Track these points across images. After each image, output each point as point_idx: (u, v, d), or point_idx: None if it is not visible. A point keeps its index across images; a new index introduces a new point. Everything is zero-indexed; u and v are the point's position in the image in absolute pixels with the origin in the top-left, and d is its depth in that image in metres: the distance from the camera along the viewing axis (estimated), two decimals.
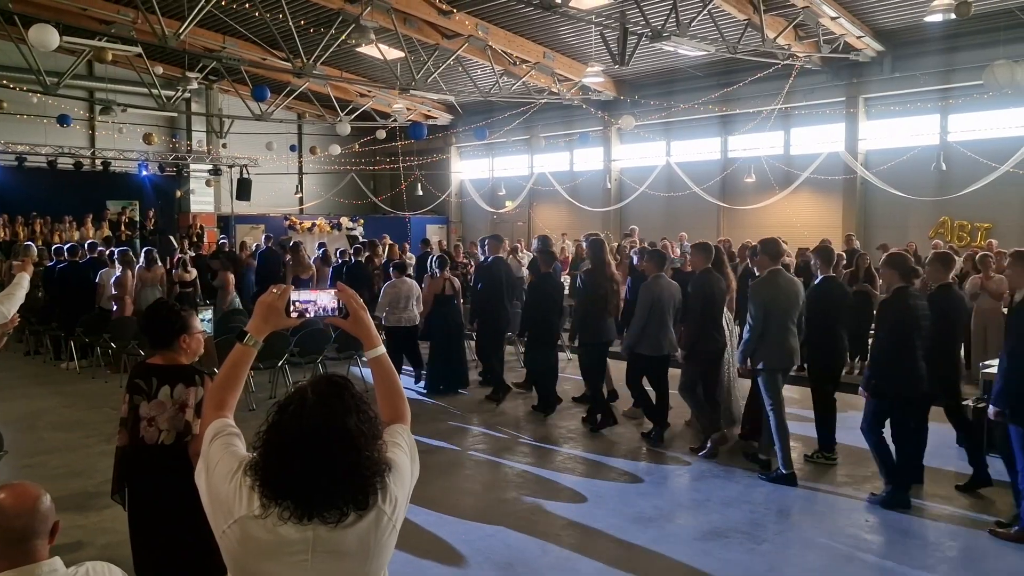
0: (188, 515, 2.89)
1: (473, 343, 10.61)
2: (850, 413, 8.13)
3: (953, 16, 11.34)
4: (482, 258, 10.65)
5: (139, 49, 16.04)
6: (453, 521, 5.72)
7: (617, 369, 8.80)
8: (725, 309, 7.58)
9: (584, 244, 10.45)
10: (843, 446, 7.13)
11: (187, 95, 21.55)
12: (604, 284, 8.07)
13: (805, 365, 7.39)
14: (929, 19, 12.62)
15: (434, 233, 23.61)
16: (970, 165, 15.55)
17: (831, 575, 4.89)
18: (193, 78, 19.28)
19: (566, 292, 10.51)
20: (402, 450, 1.99)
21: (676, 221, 19.67)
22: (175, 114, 23.20)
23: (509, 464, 7.19)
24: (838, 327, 6.84)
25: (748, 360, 6.62)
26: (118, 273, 11.46)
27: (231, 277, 11.92)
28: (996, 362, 7.66)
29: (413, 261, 15.66)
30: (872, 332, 6.90)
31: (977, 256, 10.29)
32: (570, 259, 16.19)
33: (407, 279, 10.10)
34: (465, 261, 16.37)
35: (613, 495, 6.30)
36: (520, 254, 15.24)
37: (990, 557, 5.13)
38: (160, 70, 18.85)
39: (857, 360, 10.74)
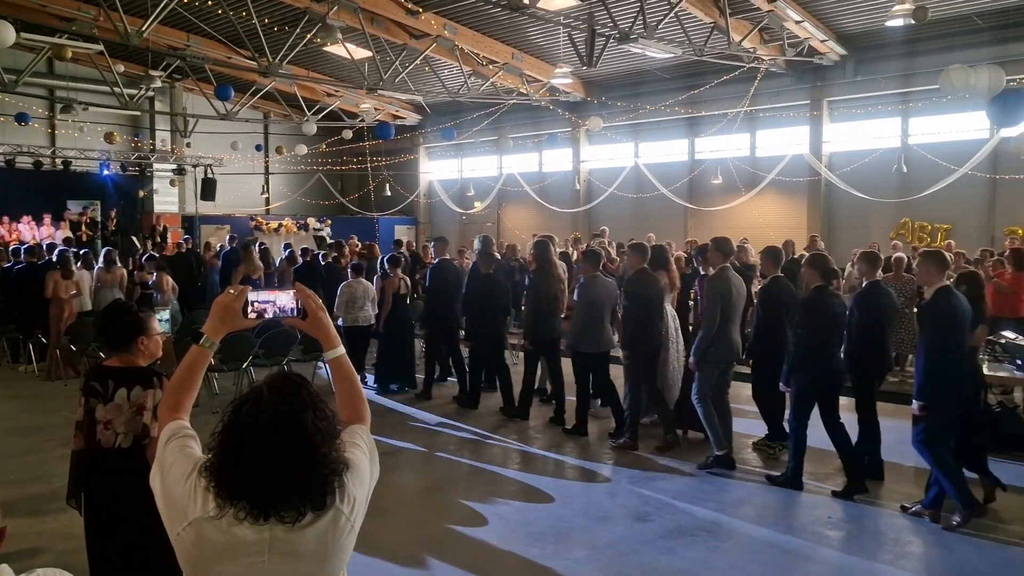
0: (145, 519, 2.84)
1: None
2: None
3: (912, 21, 11.55)
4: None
5: (101, 47, 15.79)
6: (420, 522, 5.70)
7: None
8: (668, 307, 7.85)
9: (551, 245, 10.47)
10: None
11: (150, 94, 21.23)
12: (552, 284, 8.32)
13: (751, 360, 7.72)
14: (890, 23, 12.84)
15: (403, 234, 23.49)
16: (930, 167, 15.84)
17: (792, 572, 4.95)
18: (157, 76, 18.99)
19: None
20: (361, 450, 1.97)
21: (644, 222, 19.78)
22: (138, 113, 22.83)
23: (474, 464, 7.18)
24: (783, 325, 7.05)
25: (701, 355, 6.85)
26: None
27: (168, 280, 11.60)
28: None
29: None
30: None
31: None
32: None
33: (363, 280, 10.26)
34: (434, 262, 16.29)
35: (580, 495, 6.32)
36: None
37: (950, 551, 5.22)
38: (122, 68, 18.54)
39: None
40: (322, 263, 13.40)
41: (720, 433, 6.87)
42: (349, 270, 10.47)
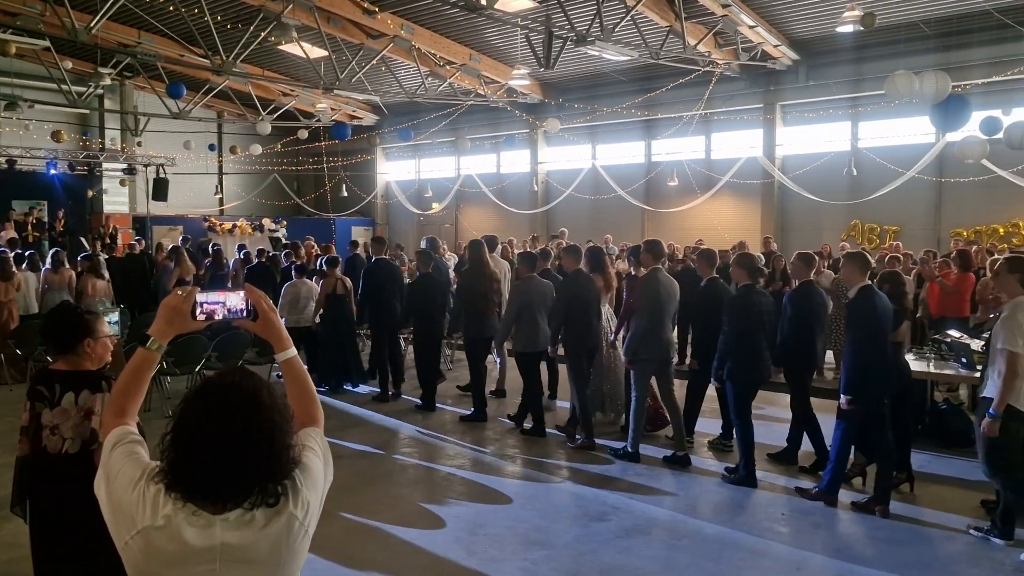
0: (93, 527, 2.76)
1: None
2: (768, 409, 8.40)
3: (861, 27, 11.82)
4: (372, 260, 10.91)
5: (47, 43, 15.40)
6: (377, 526, 5.66)
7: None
8: (607, 306, 8.13)
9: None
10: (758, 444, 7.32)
11: (99, 91, 20.77)
12: (483, 283, 8.53)
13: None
14: (840, 30, 13.13)
15: (360, 235, 23.30)
16: (879, 171, 16.22)
17: (748, 567, 5.02)
18: (106, 74, 18.59)
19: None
20: (315, 453, 1.94)
21: (602, 223, 19.92)
22: (86, 111, 22.30)
23: (435, 467, 7.16)
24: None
25: (632, 353, 7.09)
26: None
27: (96, 283, 11.27)
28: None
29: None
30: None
31: (887, 258, 10.74)
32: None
33: (307, 280, 10.41)
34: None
35: (537, 495, 6.33)
36: (447, 255, 15.17)
37: (907, 545, 5.34)
38: (70, 65, 18.11)
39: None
40: (285, 263, 13.21)
41: (681, 431, 7.13)
42: (293, 271, 10.66)
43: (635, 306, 7.12)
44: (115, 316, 4.16)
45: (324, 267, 10.34)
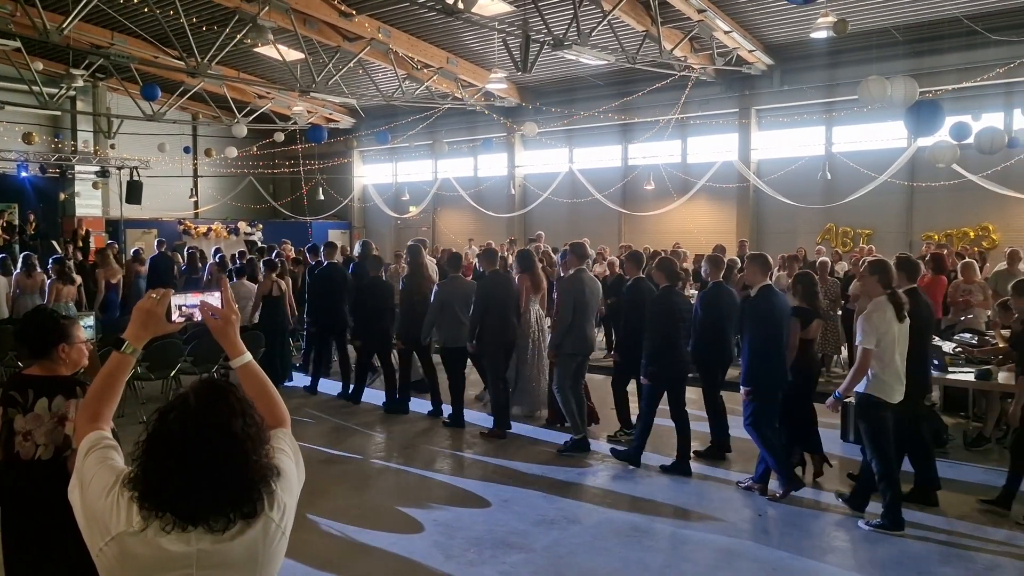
0: (67, 534, 2.73)
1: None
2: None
3: (834, 33, 11.96)
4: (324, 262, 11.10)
5: (18, 43, 15.18)
6: (355, 530, 5.63)
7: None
8: (537, 305, 8.54)
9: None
10: (737, 442, 7.38)
11: (72, 93, 20.49)
12: (424, 284, 8.97)
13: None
14: (814, 35, 13.27)
15: (336, 238, 23.16)
16: (852, 174, 16.41)
17: (723, 568, 5.05)
18: (78, 75, 18.34)
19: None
20: (287, 455, 1.93)
21: (579, 227, 19.98)
22: (58, 113, 22.01)
23: (409, 471, 7.13)
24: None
25: (556, 348, 7.56)
26: None
27: (61, 288, 11.07)
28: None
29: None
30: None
31: (860, 261, 10.88)
32: (472, 267, 16.19)
33: (247, 282, 10.76)
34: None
35: (515, 498, 6.33)
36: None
37: (879, 544, 5.40)
38: (41, 66, 17.87)
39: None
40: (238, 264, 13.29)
41: (578, 419, 7.50)
42: (234, 272, 11.06)
43: (559, 304, 7.57)
44: (90, 320, 4.12)
45: (263, 269, 10.78)
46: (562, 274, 8.03)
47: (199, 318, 2.19)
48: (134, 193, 21.17)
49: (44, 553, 3.27)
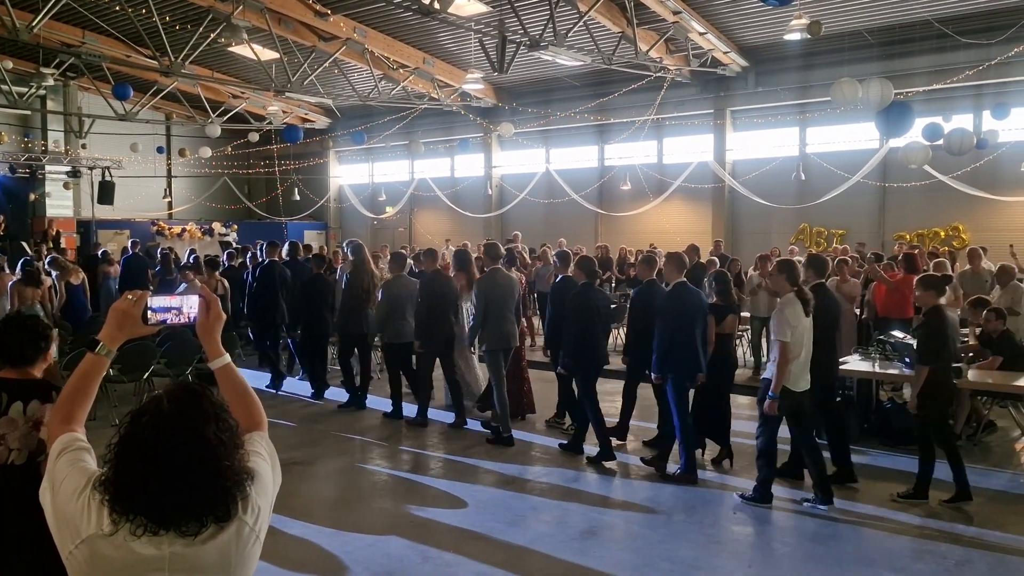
0: (40, 540, 2.69)
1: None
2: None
3: (808, 35, 12.09)
4: (261, 260, 11.54)
5: None
6: (331, 532, 5.60)
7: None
8: (468, 304, 8.76)
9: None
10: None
11: (42, 92, 20.21)
12: (365, 280, 9.23)
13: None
14: (788, 37, 13.41)
15: (312, 239, 23.06)
16: (826, 175, 16.60)
17: (701, 566, 5.08)
18: (48, 74, 18.09)
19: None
20: (262, 458, 1.91)
21: (556, 227, 20.04)
22: (28, 112, 21.70)
23: (386, 472, 7.11)
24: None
25: (475, 342, 8.08)
26: None
27: (23, 290, 10.94)
28: (849, 358, 8.26)
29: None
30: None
31: (837, 260, 11.00)
32: (448, 267, 16.19)
33: (196, 282, 10.93)
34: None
35: (493, 500, 6.32)
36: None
37: (853, 542, 5.46)
38: (10, 65, 17.60)
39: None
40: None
41: (507, 416, 7.86)
42: (178, 270, 11.43)
43: (476, 302, 7.95)
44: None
45: (205, 267, 11.03)
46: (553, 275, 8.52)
47: (176, 321, 2.18)
48: (106, 193, 20.92)
49: (16, 558, 3.22)
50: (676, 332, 6.53)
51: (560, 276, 8.14)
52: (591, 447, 7.38)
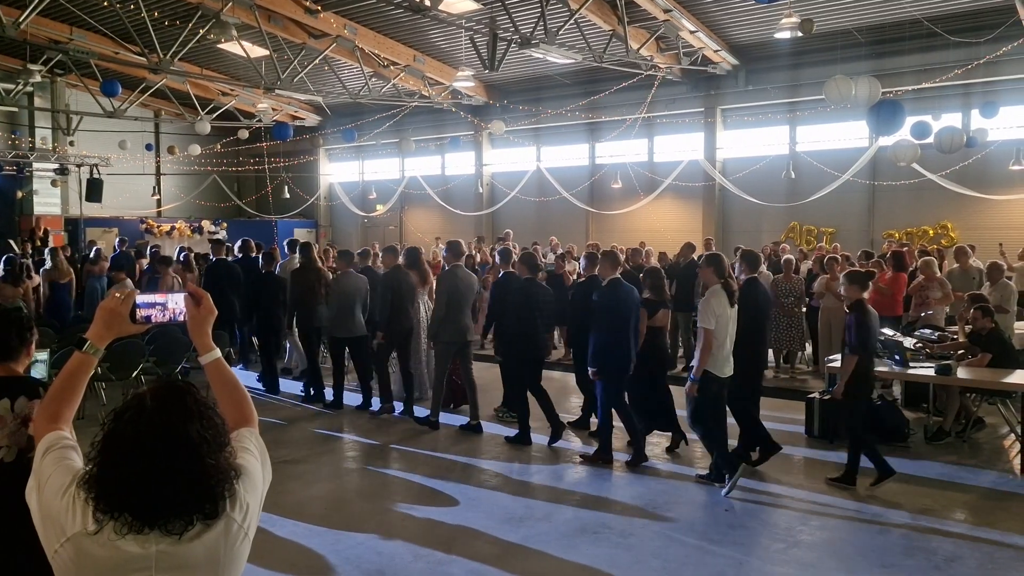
0: (30, 539, 2.67)
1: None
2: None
3: (799, 33, 12.11)
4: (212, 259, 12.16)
5: None
6: (322, 531, 5.58)
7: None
8: (426, 298, 9.44)
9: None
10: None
11: (29, 89, 20.07)
12: (312, 277, 9.63)
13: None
14: (778, 36, 13.42)
15: (302, 237, 22.94)
16: (816, 174, 16.64)
17: (691, 563, 5.08)
18: (36, 71, 17.93)
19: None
20: (252, 455, 1.90)
21: (547, 225, 20.03)
22: (15, 109, 21.52)
23: (376, 470, 7.09)
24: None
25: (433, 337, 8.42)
26: None
27: (2, 289, 11.00)
28: (838, 357, 8.30)
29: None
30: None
31: (825, 259, 11.04)
32: (440, 264, 16.15)
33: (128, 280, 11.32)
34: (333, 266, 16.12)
35: (484, 497, 6.32)
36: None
37: (843, 538, 5.48)
38: None
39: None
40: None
41: (436, 405, 8.36)
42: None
43: (436, 297, 8.40)
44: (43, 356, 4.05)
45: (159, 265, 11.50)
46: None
47: (166, 319, 2.16)
48: (94, 191, 20.76)
49: (6, 556, 3.19)
50: (612, 327, 6.87)
51: (502, 272, 8.51)
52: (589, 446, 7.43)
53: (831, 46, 15.44)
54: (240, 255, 12.22)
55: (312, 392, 9.66)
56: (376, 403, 9.14)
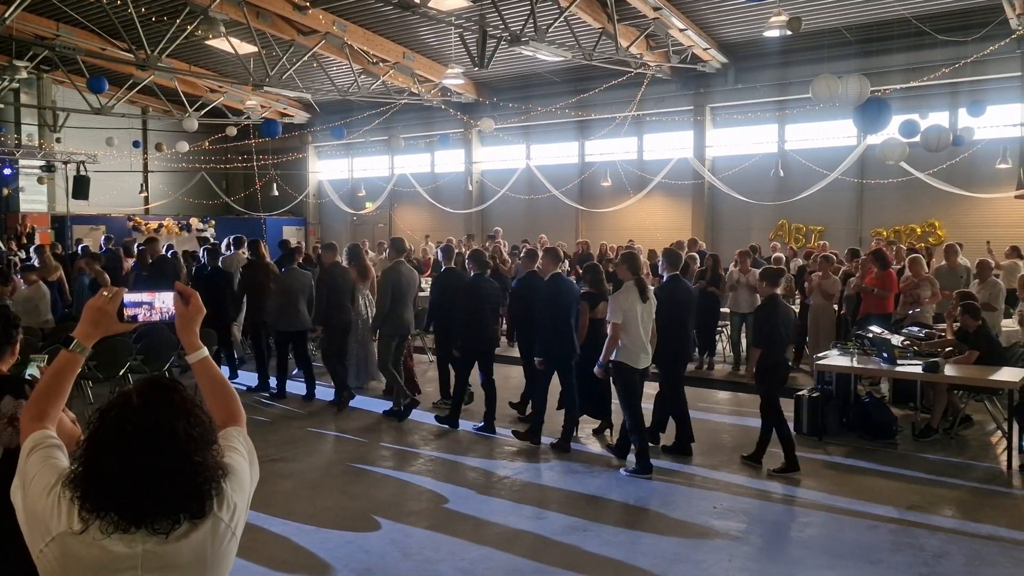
0: (16, 538, 2.65)
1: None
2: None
3: (788, 32, 12.14)
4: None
5: None
6: (310, 530, 5.56)
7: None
8: (367, 292, 9.79)
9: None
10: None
11: (15, 85, 19.92)
12: (260, 274, 9.99)
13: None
14: (767, 34, 13.47)
15: (291, 235, 22.87)
16: (805, 172, 16.70)
17: (682, 560, 5.09)
18: (22, 67, 17.81)
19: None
20: (239, 453, 1.88)
21: (537, 223, 20.02)
22: (1, 106, 21.35)
23: (365, 468, 7.07)
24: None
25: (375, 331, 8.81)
26: None
27: None
28: (827, 354, 8.33)
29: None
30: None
31: (818, 258, 11.09)
32: (431, 261, 16.13)
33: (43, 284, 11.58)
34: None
35: (474, 494, 6.31)
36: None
37: (832, 535, 5.50)
38: None
39: (706, 355, 11.31)
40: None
41: (403, 388, 8.64)
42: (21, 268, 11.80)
43: (379, 292, 8.69)
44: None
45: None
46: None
47: (155, 318, 2.15)
48: (81, 188, 20.60)
49: None
50: (554, 319, 7.30)
51: (444, 267, 8.96)
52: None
53: (819, 44, 15.50)
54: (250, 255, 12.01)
55: (259, 384, 9.97)
56: (331, 394, 9.38)
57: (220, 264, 10.95)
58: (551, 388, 7.69)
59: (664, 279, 7.47)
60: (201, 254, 12.23)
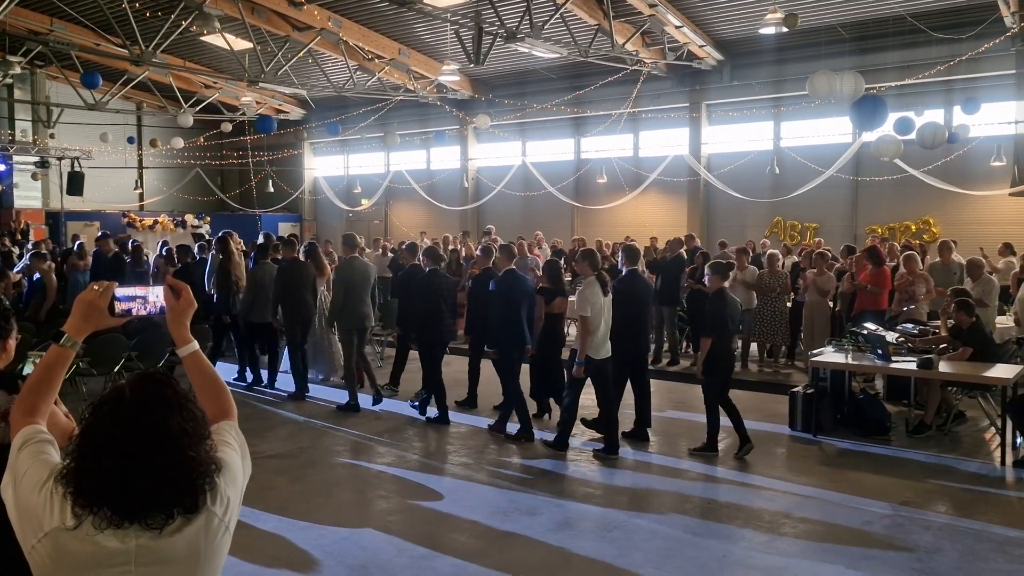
0: (7, 535, 2.64)
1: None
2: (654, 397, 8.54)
3: (784, 29, 12.14)
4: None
5: None
6: (305, 526, 5.55)
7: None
8: (323, 287, 10.05)
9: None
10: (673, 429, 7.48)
11: (8, 80, 19.79)
12: (232, 271, 10.19)
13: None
14: (763, 31, 13.47)
15: (287, 231, 22.83)
16: (800, 169, 16.71)
17: (675, 556, 5.10)
18: (15, 62, 17.69)
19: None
20: (232, 448, 1.88)
21: (533, 220, 20.01)
22: None
23: (362, 465, 7.07)
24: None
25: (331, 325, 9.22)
26: None
27: None
28: (822, 351, 8.35)
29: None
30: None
31: (813, 255, 11.11)
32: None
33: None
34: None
35: (469, 492, 6.31)
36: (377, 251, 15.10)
37: (825, 529, 5.52)
38: None
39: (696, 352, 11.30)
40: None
41: (354, 387, 8.90)
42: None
43: (334, 287, 9.07)
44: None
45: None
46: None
47: (147, 312, 2.14)
48: (75, 184, 20.56)
49: None
50: (507, 312, 7.58)
51: (409, 264, 9.20)
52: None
53: (815, 42, 15.50)
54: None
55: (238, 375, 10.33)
56: (331, 394, 9.61)
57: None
58: (541, 383, 7.91)
59: (623, 273, 7.68)
60: (195, 250, 12.25)
